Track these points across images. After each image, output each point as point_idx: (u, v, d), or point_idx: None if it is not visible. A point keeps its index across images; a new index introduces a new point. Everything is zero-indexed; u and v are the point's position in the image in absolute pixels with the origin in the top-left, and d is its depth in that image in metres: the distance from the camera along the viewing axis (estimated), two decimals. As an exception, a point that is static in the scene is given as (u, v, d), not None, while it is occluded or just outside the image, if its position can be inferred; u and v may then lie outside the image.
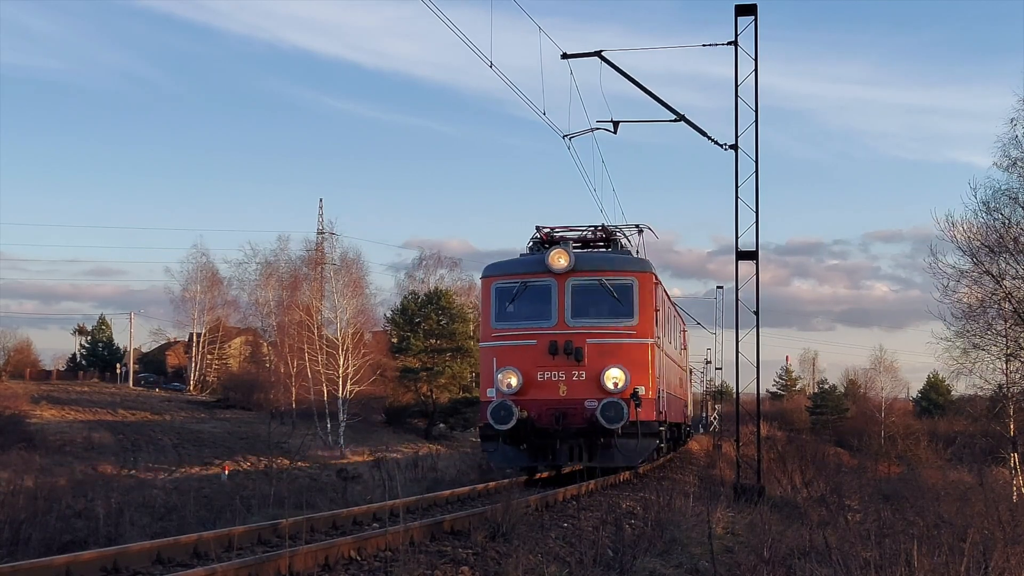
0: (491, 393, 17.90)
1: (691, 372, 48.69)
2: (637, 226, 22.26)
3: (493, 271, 19.11)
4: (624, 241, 20.94)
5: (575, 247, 19.08)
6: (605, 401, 17.07)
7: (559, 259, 17.98)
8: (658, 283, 19.19)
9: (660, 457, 23.74)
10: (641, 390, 17.63)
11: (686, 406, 33.05)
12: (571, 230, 20.18)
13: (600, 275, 18.23)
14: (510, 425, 17.06)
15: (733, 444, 25.07)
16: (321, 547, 9.24)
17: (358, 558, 9.50)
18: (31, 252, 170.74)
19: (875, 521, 13.25)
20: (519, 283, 18.44)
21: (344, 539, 9.89)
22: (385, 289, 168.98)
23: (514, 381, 17.73)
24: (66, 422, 50.00)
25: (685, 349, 31.93)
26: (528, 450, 17.83)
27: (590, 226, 20.49)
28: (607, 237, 20.41)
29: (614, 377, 17.54)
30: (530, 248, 19.79)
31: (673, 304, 25.03)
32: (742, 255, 20.35)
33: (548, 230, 19.75)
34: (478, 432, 21.02)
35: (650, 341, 18.21)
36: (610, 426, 16.98)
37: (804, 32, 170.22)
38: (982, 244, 28.87)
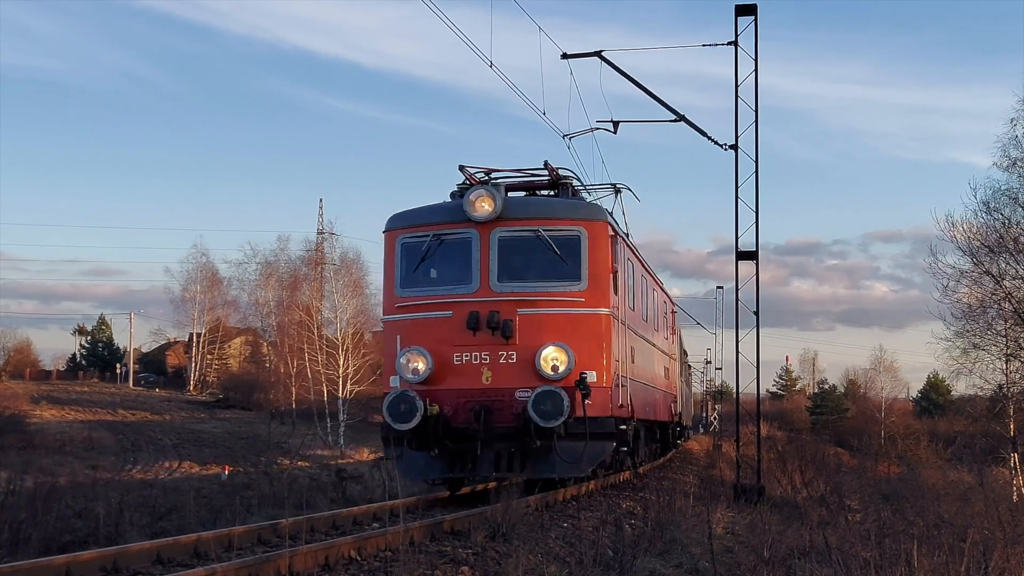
0: (395, 382, 14.06)
1: (689, 367, 45.39)
2: (613, 185, 17.74)
3: (399, 222, 14.73)
4: (581, 191, 16.50)
5: (513, 196, 14.75)
6: (539, 390, 12.99)
7: (481, 204, 13.73)
8: (617, 236, 14.82)
9: (629, 467, 19.07)
10: (591, 376, 13.48)
11: (675, 402, 26.73)
12: (510, 173, 15.60)
13: (536, 224, 13.92)
14: (412, 424, 13.21)
15: (733, 444, 25.08)
16: (321, 547, 9.22)
17: (358, 558, 9.48)
18: (31, 252, 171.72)
19: (875, 521, 13.24)
20: (431, 236, 14.16)
21: (344, 539, 9.88)
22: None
23: (421, 366, 13.71)
24: (66, 422, 50.14)
25: (674, 333, 26.85)
26: (442, 457, 13.72)
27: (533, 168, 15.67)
28: (556, 181, 15.55)
29: (552, 358, 13.35)
30: (453, 196, 15.13)
31: (650, 271, 20.16)
32: (742, 255, 20.35)
33: (481, 174, 15.01)
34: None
35: (605, 311, 14.04)
36: (546, 424, 12.89)
37: (804, 32, 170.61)
38: (982, 244, 29.00)
